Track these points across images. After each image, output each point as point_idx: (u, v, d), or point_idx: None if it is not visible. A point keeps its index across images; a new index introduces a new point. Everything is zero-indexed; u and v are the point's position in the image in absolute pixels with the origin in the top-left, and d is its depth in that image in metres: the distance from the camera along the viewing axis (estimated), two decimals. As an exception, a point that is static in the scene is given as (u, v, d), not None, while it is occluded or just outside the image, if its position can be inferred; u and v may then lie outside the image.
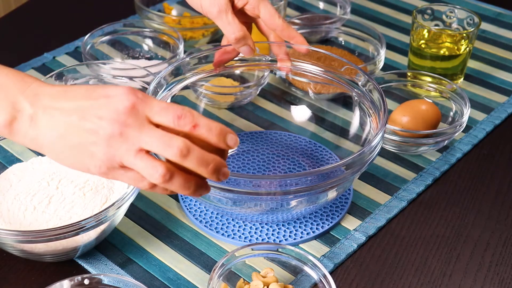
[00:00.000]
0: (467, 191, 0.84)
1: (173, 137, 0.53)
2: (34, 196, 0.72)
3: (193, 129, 0.53)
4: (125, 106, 0.53)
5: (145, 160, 0.53)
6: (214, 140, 0.54)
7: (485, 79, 1.05)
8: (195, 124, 0.54)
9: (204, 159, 0.53)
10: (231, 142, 0.55)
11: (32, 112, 0.55)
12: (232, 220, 0.78)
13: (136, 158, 0.53)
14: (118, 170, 0.54)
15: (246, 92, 0.95)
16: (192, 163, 0.53)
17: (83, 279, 0.63)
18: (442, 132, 0.85)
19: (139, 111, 0.53)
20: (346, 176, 0.68)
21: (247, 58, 0.85)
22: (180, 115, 0.53)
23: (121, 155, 0.53)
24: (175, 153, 0.52)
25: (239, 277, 0.70)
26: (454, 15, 1.02)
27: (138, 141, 0.53)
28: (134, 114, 0.53)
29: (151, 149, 0.53)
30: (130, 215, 0.78)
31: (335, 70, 0.82)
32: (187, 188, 0.54)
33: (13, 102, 0.55)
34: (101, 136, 0.53)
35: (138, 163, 0.53)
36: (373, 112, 0.77)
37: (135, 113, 0.53)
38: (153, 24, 1.06)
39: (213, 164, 0.54)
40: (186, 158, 0.53)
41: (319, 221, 0.77)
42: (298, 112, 0.94)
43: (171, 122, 0.53)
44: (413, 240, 0.76)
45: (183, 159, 0.53)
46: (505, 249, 0.75)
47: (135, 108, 0.53)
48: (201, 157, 0.53)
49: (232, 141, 0.55)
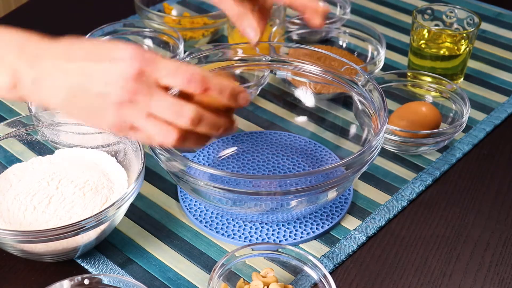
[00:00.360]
0: (467, 191, 0.84)
1: (184, 105, 0.52)
2: (34, 196, 0.72)
3: (204, 92, 0.53)
4: (133, 72, 0.52)
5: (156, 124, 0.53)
6: (226, 101, 0.54)
7: (485, 79, 1.05)
8: (206, 87, 0.53)
9: (216, 124, 0.54)
10: (243, 101, 0.55)
11: (34, 75, 0.54)
12: (232, 220, 0.78)
13: (147, 122, 0.53)
14: (129, 130, 0.55)
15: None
16: (203, 129, 0.54)
17: (83, 279, 0.63)
18: (442, 132, 0.85)
19: (147, 76, 0.52)
20: (346, 176, 0.68)
21: (247, 58, 0.85)
22: (190, 78, 0.52)
23: (131, 120, 0.53)
24: (186, 122, 0.52)
25: (239, 277, 0.70)
26: (454, 15, 1.02)
27: (147, 107, 0.52)
28: (143, 79, 0.52)
29: (162, 116, 0.52)
30: (130, 215, 0.78)
31: (335, 70, 0.82)
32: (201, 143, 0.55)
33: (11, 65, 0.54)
34: (109, 102, 0.52)
35: (149, 127, 0.53)
36: (373, 112, 0.77)
37: (144, 78, 0.52)
38: (153, 24, 1.06)
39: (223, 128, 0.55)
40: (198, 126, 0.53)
41: (319, 221, 0.77)
42: (298, 112, 0.94)
43: (181, 85, 0.53)
44: (413, 240, 0.76)
45: (194, 126, 0.53)
46: (505, 249, 0.75)
47: (143, 73, 0.52)
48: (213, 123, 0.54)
49: (243, 100, 0.55)
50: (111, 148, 0.79)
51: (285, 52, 0.88)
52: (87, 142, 0.80)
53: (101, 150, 0.80)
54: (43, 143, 0.82)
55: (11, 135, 0.79)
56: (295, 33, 1.09)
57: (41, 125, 0.80)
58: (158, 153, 0.69)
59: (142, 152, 0.72)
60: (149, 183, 0.83)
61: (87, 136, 0.80)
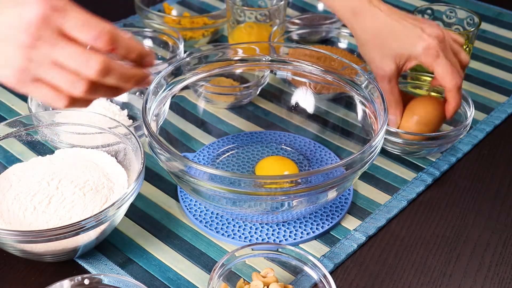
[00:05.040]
0: (467, 191, 0.84)
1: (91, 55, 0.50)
2: (34, 196, 0.72)
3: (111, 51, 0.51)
4: (36, 17, 0.50)
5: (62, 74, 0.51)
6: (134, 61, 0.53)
7: (485, 79, 1.05)
8: (113, 46, 0.51)
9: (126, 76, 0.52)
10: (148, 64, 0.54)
11: None
12: (232, 220, 0.78)
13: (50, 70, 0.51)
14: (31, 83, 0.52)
15: (246, 92, 0.95)
16: (113, 81, 0.52)
17: (83, 279, 0.63)
18: (446, 135, 0.84)
19: (52, 23, 0.50)
20: (346, 176, 0.68)
21: (247, 58, 0.85)
22: (97, 34, 0.51)
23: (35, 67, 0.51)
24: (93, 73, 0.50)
25: (239, 277, 0.70)
26: (454, 15, 1.02)
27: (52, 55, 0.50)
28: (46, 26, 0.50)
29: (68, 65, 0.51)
30: (130, 215, 0.78)
31: (335, 70, 0.82)
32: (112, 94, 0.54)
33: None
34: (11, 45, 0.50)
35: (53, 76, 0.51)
36: (373, 112, 0.77)
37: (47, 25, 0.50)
38: (153, 24, 1.06)
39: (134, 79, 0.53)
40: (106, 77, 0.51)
41: (319, 221, 0.77)
42: (298, 112, 0.94)
43: (88, 40, 0.51)
44: (413, 240, 0.76)
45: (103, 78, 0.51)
46: (505, 249, 0.75)
47: (48, 19, 0.50)
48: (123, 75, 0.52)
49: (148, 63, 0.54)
50: (111, 148, 0.79)
51: (285, 52, 0.88)
52: (87, 142, 0.80)
53: (101, 150, 0.80)
54: (43, 143, 0.82)
55: (11, 135, 0.79)
56: (295, 33, 1.09)
57: (41, 125, 0.80)
58: (158, 153, 0.70)
59: (142, 152, 0.72)
60: (149, 183, 0.83)
61: (87, 136, 0.80)
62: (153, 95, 0.76)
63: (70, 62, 0.50)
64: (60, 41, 0.50)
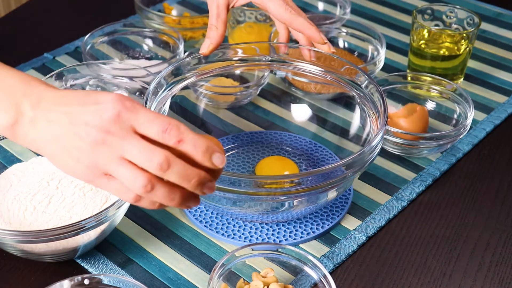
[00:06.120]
0: (467, 191, 0.84)
1: (155, 150, 0.52)
2: (34, 196, 0.72)
3: (178, 144, 0.52)
4: (111, 114, 0.52)
5: (128, 169, 0.52)
6: (199, 158, 0.53)
7: (485, 79, 1.05)
8: (180, 139, 0.52)
9: (187, 174, 0.52)
10: (217, 161, 0.53)
11: (32, 115, 0.55)
12: (232, 220, 0.78)
13: (118, 166, 0.52)
14: (102, 178, 0.54)
15: (246, 92, 0.95)
16: (173, 177, 0.52)
17: (83, 279, 0.63)
18: (446, 135, 0.84)
19: (124, 120, 0.53)
20: (346, 176, 0.68)
21: (247, 58, 0.85)
22: (165, 128, 0.52)
23: (104, 163, 0.53)
24: (155, 167, 0.52)
25: (239, 277, 0.70)
26: (454, 15, 1.02)
27: (120, 149, 0.52)
28: (119, 122, 0.52)
29: (133, 160, 0.52)
30: (130, 215, 0.78)
31: (335, 70, 0.82)
32: (172, 199, 0.54)
33: (17, 104, 0.55)
34: (85, 142, 0.53)
35: (120, 171, 0.52)
36: (373, 112, 0.77)
37: (120, 122, 0.53)
38: (153, 24, 1.06)
39: (196, 179, 0.53)
40: (167, 172, 0.52)
41: (319, 221, 0.77)
42: (298, 112, 0.94)
43: (156, 134, 0.53)
44: (413, 240, 0.76)
45: (163, 173, 0.52)
46: (505, 249, 0.75)
47: (120, 117, 0.53)
48: (183, 172, 0.52)
49: (218, 161, 0.53)
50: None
51: (285, 52, 0.88)
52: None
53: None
54: (43, 143, 0.82)
55: (11, 135, 0.79)
56: (295, 33, 1.09)
57: (41, 125, 0.80)
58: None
59: (142, 152, 0.72)
60: (149, 183, 0.83)
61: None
62: (153, 95, 0.76)
63: (136, 156, 0.52)
64: (129, 136, 0.52)
